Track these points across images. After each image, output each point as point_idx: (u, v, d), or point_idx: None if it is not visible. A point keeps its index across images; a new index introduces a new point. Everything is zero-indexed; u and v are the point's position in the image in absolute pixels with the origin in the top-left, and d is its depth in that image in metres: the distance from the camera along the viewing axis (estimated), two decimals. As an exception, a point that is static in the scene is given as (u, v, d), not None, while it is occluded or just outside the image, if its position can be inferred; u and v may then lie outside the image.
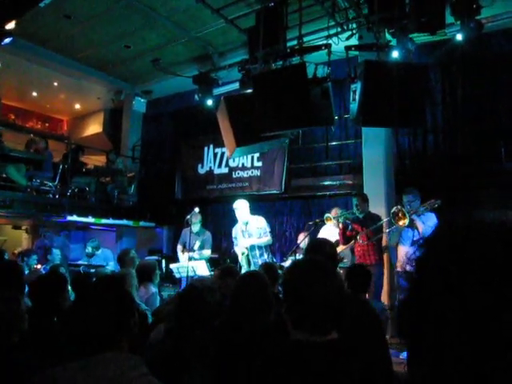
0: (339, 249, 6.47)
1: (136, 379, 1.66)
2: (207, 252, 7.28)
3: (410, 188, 5.85)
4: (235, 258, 7.28)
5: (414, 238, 5.62)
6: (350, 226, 6.11)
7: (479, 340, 0.63)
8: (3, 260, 3.90)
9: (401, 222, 5.47)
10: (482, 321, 0.63)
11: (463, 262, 0.67)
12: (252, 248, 6.69)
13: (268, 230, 6.78)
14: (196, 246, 7.12)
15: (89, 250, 8.59)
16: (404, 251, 5.75)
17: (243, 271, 6.41)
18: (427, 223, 5.48)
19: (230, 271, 4.01)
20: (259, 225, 6.72)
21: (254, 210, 7.03)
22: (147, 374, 1.72)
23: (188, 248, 7.00)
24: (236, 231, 6.99)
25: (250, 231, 6.72)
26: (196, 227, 7.25)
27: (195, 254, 7.07)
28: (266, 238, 6.72)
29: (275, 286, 4.10)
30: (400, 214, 5.47)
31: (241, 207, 6.80)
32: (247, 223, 6.77)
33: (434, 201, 5.51)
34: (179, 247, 7.54)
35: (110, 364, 1.69)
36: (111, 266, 7.27)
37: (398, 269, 5.84)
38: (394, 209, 5.59)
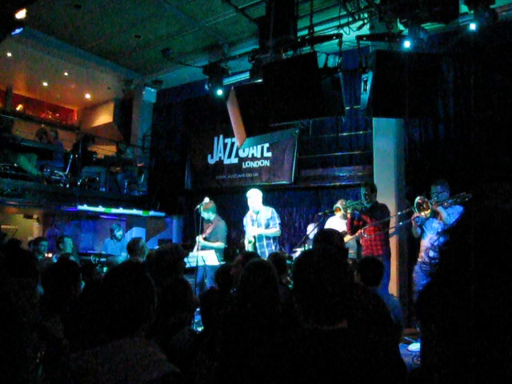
0: (345, 239, 6.49)
1: (152, 366, 1.68)
2: (216, 244, 7.06)
3: (439, 179, 5.74)
4: (244, 247, 7.29)
5: (439, 230, 5.55)
6: (357, 217, 6.11)
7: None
8: (19, 249, 3.95)
9: (423, 213, 5.45)
10: None
11: (492, 246, 0.66)
12: (260, 238, 6.74)
13: (277, 221, 6.80)
14: (207, 233, 7.10)
15: (120, 232, 8.69)
16: (428, 243, 5.66)
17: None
18: (453, 215, 5.38)
19: (253, 256, 4.05)
20: (268, 215, 6.76)
21: (264, 201, 7.03)
22: (165, 360, 1.74)
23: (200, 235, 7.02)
24: (246, 220, 7.04)
25: (260, 221, 6.77)
26: (205, 215, 7.19)
27: (202, 241, 6.98)
28: (275, 230, 6.75)
29: (283, 276, 4.10)
30: (424, 205, 5.44)
31: (253, 196, 6.85)
32: (258, 212, 6.82)
33: (464, 194, 5.39)
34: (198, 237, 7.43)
35: (129, 350, 1.70)
36: (123, 257, 7.32)
37: (420, 259, 5.77)
38: (417, 198, 5.53)
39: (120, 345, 1.72)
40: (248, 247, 6.81)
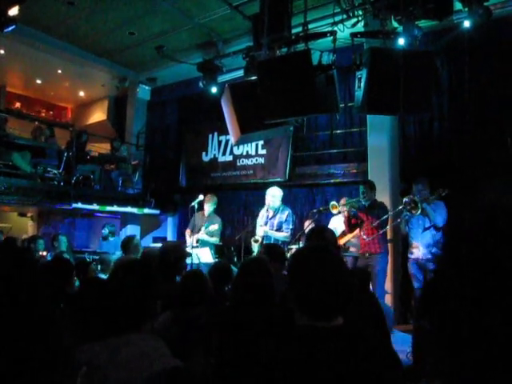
0: (346, 238, 6.50)
1: (157, 360, 1.69)
2: (214, 227, 7.16)
3: (419, 177, 5.98)
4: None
5: (426, 226, 5.79)
6: (354, 214, 6.12)
7: None
8: (15, 247, 3.94)
9: (413, 211, 5.64)
10: None
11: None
12: (268, 238, 6.60)
13: (290, 226, 6.64)
14: (203, 228, 7.11)
15: (106, 231, 8.68)
16: (416, 239, 5.89)
17: None
18: (437, 211, 5.71)
19: (275, 247, 4.13)
20: (283, 218, 6.64)
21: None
22: (168, 354, 1.75)
23: (196, 231, 7.06)
24: (261, 215, 6.92)
25: (273, 221, 6.67)
26: (207, 208, 7.33)
27: (200, 234, 7.06)
28: (285, 234, 6.59)
29: (283, 266, 4.08)
30: (412, 204, 5.64)
31: (274, 195, 6.73)
32: (276, 210, 6.71)
33: (442, 190, 5.69)
34: (188, 231, 7.54)
35: (133, 345, 1.72)
36: (117, 255, 7.30)
37: (411, 256, 5.89)
38: (406, 198, 5.74)
39: (127, 339, 1.74)
40: (254, 246, 6.74)
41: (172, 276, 3.59)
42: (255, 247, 6.69)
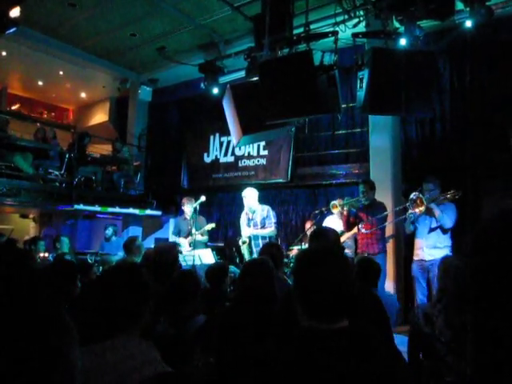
0: (343, 238, 6.49)
1: (147, 364, 1.67)
2: (212, 225, 7.33)
3: (430, 177, 5.84)
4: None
5: (432, 226, 5.63)
6: (353, 214, 6.12)
7: None
8: (16, 249, 3.94)
9: (417, 209, 5.51)
10: None
11: None
12: (255, 237, 6.67)
13: (273, 220, 6.72)
14: (193, 230, 7.11)
15: (110, 231, 8.68)
16: (421, 240, 5.75)
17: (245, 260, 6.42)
18: (446, 212, 5.51)
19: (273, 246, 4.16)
20: (264, 214, 6.72)
21: (260, 199, 7.01)
22: (158, 359, 1.73)
23: (184, 235, 7.12)
24: (242, 218, 7.03)
25: (256, 220, 6.72)
26: (191, 210, 7.30)
27: (198, 236, 7.06)
28: (270, 229, 6.66)
29: (280, 270, 4.09)
30: (418, 201, 5.50)
31: (249, 195, 6.81)
32: (254, 212, 6.77)
33: (455, 192, 5.53)
34: (174, 237, 7.62)
35: (122, 348, 1.70)
36: (119, 256, 7.30)
37: (415, 257, 5.80)
38: (412, 195, 5.60)
39: (113, 343, 1.72)
40: (243, 248, 6.78)
41: (166, 276, 3.60)
42: (244, 249, 6.72)
